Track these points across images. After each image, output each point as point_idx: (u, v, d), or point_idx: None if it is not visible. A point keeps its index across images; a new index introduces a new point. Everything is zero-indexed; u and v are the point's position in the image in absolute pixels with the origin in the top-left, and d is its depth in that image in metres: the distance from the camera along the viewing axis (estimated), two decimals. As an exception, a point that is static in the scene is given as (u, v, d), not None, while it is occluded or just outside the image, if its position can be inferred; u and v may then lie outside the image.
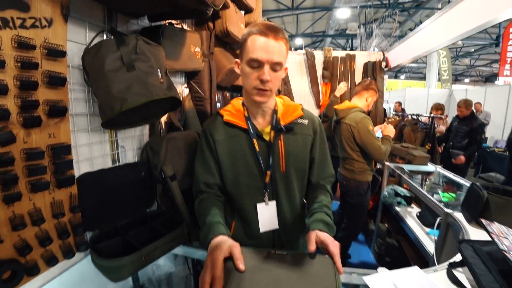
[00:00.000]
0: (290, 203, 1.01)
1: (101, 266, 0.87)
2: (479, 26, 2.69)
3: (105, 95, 0.85)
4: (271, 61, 0.84)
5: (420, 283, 0.87)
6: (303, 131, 1.00)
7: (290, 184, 0.99)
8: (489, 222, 1.04)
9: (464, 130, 3.90)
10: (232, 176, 0.98)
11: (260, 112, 0.98)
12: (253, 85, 0.88)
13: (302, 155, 1.00)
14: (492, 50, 12.73)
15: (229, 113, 0.99)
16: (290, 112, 1.00)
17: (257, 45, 0.83)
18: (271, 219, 0.99)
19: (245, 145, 0.96)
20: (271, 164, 0.95)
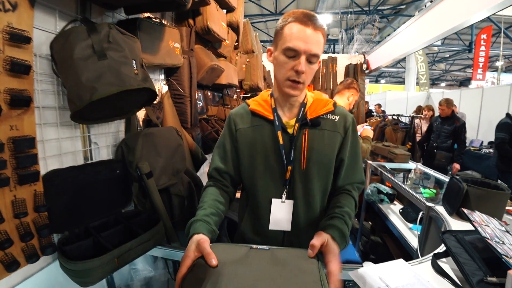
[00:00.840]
0: (308, 205, 0.92)
1: (69, 270, 0.80)
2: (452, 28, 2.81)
3: (74, 85, 0.79)
4: (309, 52, 0.79)
5: (405, 275, 0.85)
6: (332, 127, 0.92)
7: (310, 183, 0.91)
8: (471, 211, 1.05)
9: (447, 130, 3.85)
10: (249, 167, 0.93)
11: (287, 105, 0.93)
12: (287, 75, 0.83)
13: (327, 153, 0.91)
14: (466, 56, 13.42)
15: (256, 103, 0.95)
16: (319, 107, 0.93)
17: (295, 33, 0.78)
18: (284, 219, 0.92)
19: (268, 136, 0.91)
20: (292, 159, 0.89)
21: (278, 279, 0.61)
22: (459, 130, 3.75)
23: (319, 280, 0.61)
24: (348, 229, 0.83)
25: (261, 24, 11.09)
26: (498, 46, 9.34)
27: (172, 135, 1.24)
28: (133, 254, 0.88)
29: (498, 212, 1.30)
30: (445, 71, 17.86)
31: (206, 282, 0.60)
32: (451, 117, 3.87)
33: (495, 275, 0.78)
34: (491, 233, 0.92)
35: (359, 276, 0.84)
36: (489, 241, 0.85)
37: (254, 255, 0.70)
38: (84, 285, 0.80)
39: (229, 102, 2.45)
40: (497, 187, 1.38)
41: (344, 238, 0.79)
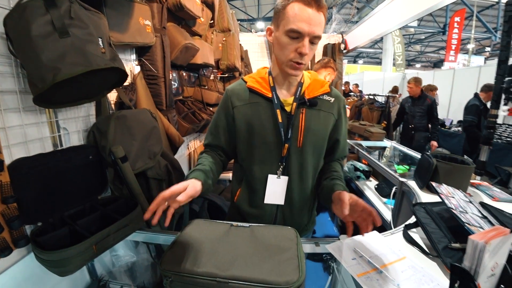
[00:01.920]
0: (301, 180, 0.98)
1: (45, 260, 0.77)
2: (428, 9, 2.85)
3: (34, 65, 0.73)
4: (312, 34, 0.79)
5: (379, 246, 0.90)
6: (327, 109, 0.96)
7: (305, 161, 0.96)
8: (438, 184, 1.12)
9: (421, 110, 3.83)
10: (246, 144, 0.95)
11: (286, 84, 0.94)
12: (290, 57, 0.83)
13: (322, 133, 0.96)
14: (440, 38, 13.81)
15: (254, 80, 0.95)
16: (316, 87, 0.96)
17: (299, 15, 0.77)
18: (278, 193, 0.97)
19: (265, 114, 0.92)
20: (289, 137, 0.92)
21: (256, 256, 0.63)
22: (432, 107, 3.76)
23: (296, 256, 0.64)
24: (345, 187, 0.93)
25: (238, 2, 10.71)
26: (470, 29, 9.66)
27: (146, 118, 1.20)
28: (112, 240, 0.86)
29: (463, 185, 1.39)
30: (420, 53, 18.36)
31: (186, 259, 0.61)
32: (421, 96, 3.88)
33: (459, 241, 0.84)
34: (456, 204, 0.99)
35: (335, 249, 0.88)
36: (454, 211, 0.92)
37: (234, 233, 0.72)
38: (62, 274, 0.78)
39: (206, 83, 2.38)
40: (463, 162, 1.47)
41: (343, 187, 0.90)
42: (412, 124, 3.89)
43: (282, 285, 0.56)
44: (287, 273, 0.59)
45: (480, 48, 15.70)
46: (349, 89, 8.22)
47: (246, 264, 0.60)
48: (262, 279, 0.57)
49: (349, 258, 0.83)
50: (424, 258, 0.87)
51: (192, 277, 0.58)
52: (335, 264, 0.95)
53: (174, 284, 0.59)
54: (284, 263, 0.61)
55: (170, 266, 0.60)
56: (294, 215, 1.02)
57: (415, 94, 3.86)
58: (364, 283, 0.73)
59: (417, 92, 3.85)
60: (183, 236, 0.69)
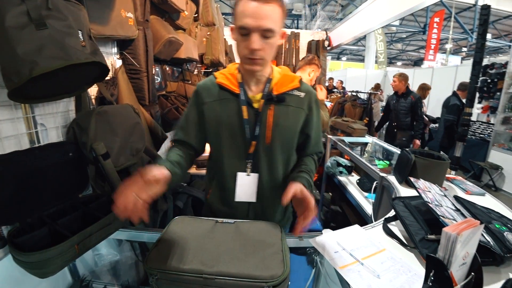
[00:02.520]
0: (271, 177, 0.97)
1: (24, 262, 0.75)
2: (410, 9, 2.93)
3: (9, 58, 0.69)
4: (260, 28, 0.77)
5: (360, 239, 0.94)
6: (297, 104, 0.95)
7: (274, 157, 0.95)
8: (416, 179, 1.17)
9: (404, 107, 3.69)
10: (215, 141, 0.95)
11: (254, 80, 0.93)
12: (243, 53, 0.82)
13: (291, 129, 0.95)
14: (420, 37, 14.23)
15: (224, 76, 0.94)
16: (285, 83, 0.94)
17: (246, 10, 0.76)
18: (249, 191, 0.96)
19: (233, 110, 0.91)
20: (257, 134, 0.91)
21: (241, 252, 0.64)
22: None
23: (280, 251, 0.65)
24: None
25: (223, -4, 10.54)
26: (448, 30, 10.02)
27: (128, 113, 1.16)
28: (95, 239, 0.84)
29: (439, 179, 1.46)
30: (401, 51, 18.88)
31: (171, 256, 0.61)
32: (406, 93, 3.71)
33: (434, 233, 0.89)
34: (432, 198, 1.04)
35: (318, 243, 0.91)
36: (430, 205, 0.96)
37: (219, 229, 0.72)
38: (43, 276, 0.76)
39: (190, 78, 2.35)
40: (440, 158, 1.54)
41: (311, 186, 0.91)
42: (395, 122, 3.79)
43: (267, 279, 0.57)
44: (272, 267, 0.60)
45: (457, 48, 16.35)
46: (333, 86, 8.36)
47: (231, 259, 0.61)
48: (248, 274, 0.58)
49: (332, 251, 0.86)
50: (403, 249, 0.92)
51: (178, 274, 0.58)
52: (318, 257, 0.97)
53: (160, 282, 0.59)
54: (269, 257, 0.63)
55: (156, 264, 0.60)
56: (266, 212, 1.01)
57: (399, 90, 3.70)
58: (346, 275, 0.76)
59: (401, 88, 3.67)
60: (168, 234, 0.69)
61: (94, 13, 1.06)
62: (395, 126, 3.81)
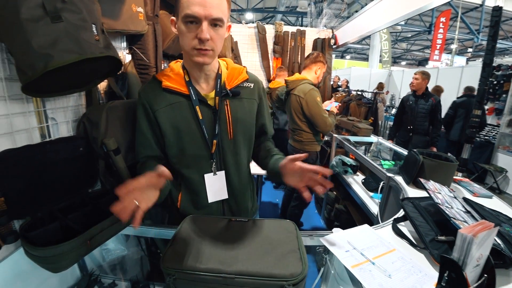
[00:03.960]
0: (238, 171, 0.98)
1: (37, 257, 0.75)
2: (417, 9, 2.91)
3: (24, 52, 0.68)
4: (210, 17, 0.75)
5: (370, 238, 0.94)
6: (249, 95, 0.96)
7: (238, 151, 0.96)
8: (426, 180, 1.17)
9: (424, 110, 3.26)
10: (176, 147, 0.91)
11: (203, 76, 0.89)
12: (192, 45, 0.78)
13: (249, 121, 0.97)
14: (425, 37, 14.12)
15: (168, 77, 0.88)
16: (235, 76, 0.93)
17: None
18: (220, 189, 0.96)
19: (188, 113, 0.88)
20: (217, 132, 0.90)
21: (258, 250, 0.64)
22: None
23: (297, 249, 0.65)
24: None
25: (229, -8, 10.49)
26: (454, 30, 9.93)
27: (138, 109, 1.16)
28: (106, 235, 0.84)
29: (447, 181, 1.46)
30: (406, 51, 18.75)
31: (188, 255, 0.61)
32: (426, 93, 3.30)
33: (444, 234, 0.89)
34: (442, 199, 1.03)
35: (329, 241, 0.90)
36: (441, 206, 0.96)
37: (234, 227, 0.71)
38: (55, 270, 0.76)
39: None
40: (447, 159, 1.53)
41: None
42: (411, 125, 3.37)
43: (287, 278, 0.56)
44: (290, 265, 0.59)
45: (462, 49, 16.23)
46: (338, 84, 8.32)
47: (249, 258, 0.61)
48: (268, 272, 0.57)
49: (343, 251, 0.86)
50: (412, 250, 0.91)
51: (197, 273, 0.57)
52: (328, 256, 0.97)
53: (178, 282, 0.58)
54: (287, 255, 0.62)
55: (172, 263, 0.59)
56: (239, 204, 1.03)
57: (419, 90, 3.31)
58: (358, 274, 0.75)
59: (422, 87, 3.29)
60: (181, 233, 0.68)
61: (106, 7, 1.05)
62: (410, 130, 3.41)
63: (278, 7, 11.61)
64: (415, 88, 3.30)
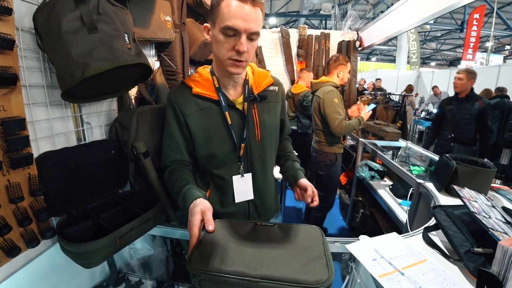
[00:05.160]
0: (265, 172, 1.01)
1: (71, 252, 0.79)
2: (448, 7, 2.77)
3: (64, 61, 0.74)
4: (249, 31, 0.77)
5: (398, 247, 0.90)
6: (274, 98, 1.00)
7: (265, 153, 0.99)
8: (460, 188, 1.10)
9: (469, 115, 2.73)
10: (206, 151, 0.94)
11: (231, 83, 0.93)
12: (228, 55, 0.81)
13: (275, 123, 1.01)
14: (457, 36, 13.39)
15: (197, 83, 0.92)
16: (261, 80, 0.98)
17: (234, 11, 0.75)
18: (246, 190, 1.00)
19: (218, 118, 0.91)
20: (245, 136, 0.93)
21: (283, 255, 0.63)
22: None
23: (323, 255, 0.63)
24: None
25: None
26: (489, 27, 9.32)
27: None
28: (135, 234, 0.88)
29: (484, 189, 1.36)
30: (435, 50, 17.87)
31: (213, 258, 0.62)
32: (471, 95, 2.78)
33: (481, 246, 0.83)
34: (479, 208, 0.96)
35: (355, 249, 0.88)
36: (477, 216, 0.90)
37: (259, 232, 0.72)
38: (87, 266, 0.80)
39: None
40: (484, 165, 1.43)
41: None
42: (452, 133, 2.86)
43: (313, 284, 0.55)
44: (316, 272, 0.58)
45: (499, 46, 15.17)
46: (363, 87, 8.08)
47: (274, 262, 0.60)
48: (293, 278, 0.56)
49: (370, 259, 0.83)
50: (445, 261, 0.86)
51: (222, 276, 0.58)
52: (353, 264, 0.94)
53: (203, 283, 0.59)
54: (313, 261, 0.61)
55: (198, 265, 0.60)
56: (265, 204, 1.06)
57: (463, 91, 2.81)
58: (386, 284, 0.72)
59: (467, 88, 2.79)
60: (208, 235, 0.69)
61: (137, 17, 1.11)
62: (452, 139, 2.88)
63: (301, 11, 11.56)
64: (459, 90, 2.82)
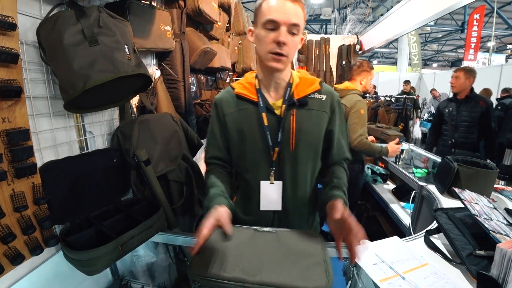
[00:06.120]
0: (296, 185, 0.94)
1: (74, 260, 0.81)
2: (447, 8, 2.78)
3: (66, 73, 0.77)
4: (289, 22, 0.78)
5: (400, 251, 0.89)
6: (319, 107, 0.92)
7: (299, 164, 0.92)
8: (461, 190, 1.09)
9: (469, 117, 2.48)
10: (238, 150, 0.94)
11: (273, 84, 0.91)
12: (268, 48, 0.81)
13: (315, 134, 0.92)
14: (458, 36, 13.36)
15: (241, 85, 0.94)
16: (306, 86, 0.92)
17: (273, 5, 0.79)
18: (274, 199, 0.94)
19: (254, 119, 0.90)
20: (279, 140, 0.89)
21: (282, 261, 0.64)
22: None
23: (322, 261, 0.64)
24: (347, 198, 0.88)
25: (252, 4, 10.76)
26: (490, 27, 9.30)
27: (167, 121, 1.23)
28: (137, 241, 0.89)
29: (486, 190, 1.35)
30: (437, 52, 17.84)
31: (213, 264, 0.63)
32: (471, 96, 2.51)
33: (483, 249, 0.82)
34: (480, 210, 0.96)
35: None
36: (478, 218, 0.89)
37: (259, 238, 0.73)
38: (90, 273, 0.81)
39: (223, 86, 2.41)
40: (486, 166, 1.42)
41: (346, 203, 0.84)
42: (452, 138, 2.61)
43: None
44: (315, 278, 0.59)
45: (500, 46, 15.10)
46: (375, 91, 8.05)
47: (273, 269, 0.61)
48: (291, 284, 0.57)
49: (370, 263, 0.83)
50: (447, 265, 0.86)
51: (221, 282, 0.59)
52: (355, 269, 0.94)
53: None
54: (311, 267, 0.62)
55: (198, 271, 0.61)
56: (291, 221, 0.97)
57: (462, 92, 2.53)
58: (387, 289, 0.72)
59: (466, 88, 2.50)
60: (209, 241, 0.70)
61: (137, 28, 1.14)
62: (452, 145, 2.63)
63: (301, 16, 11.63)
64: (457, 90, 2.55)
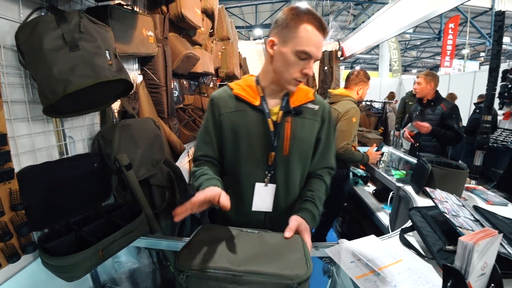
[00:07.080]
0: (288, 188, 0.98)
1: (53, 266, 0.80)
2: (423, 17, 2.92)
3: (46, 77, 0.76)
4: (317, 58, 0.87)
5: (376, 249, 0.93)
6: (312, 116, 0.97)
7: (291, 168, 0.96)
8: (433, 189, 1.16)
9: (431, 121, 2.44)
10: (232, 152, 0.96)
11: (274, 94, 0.96)
12: (295, 76, 0.87)
13: (307, 141, 0.97)
14: (435, 44, 13.98)
15: (240, 87, 0.96)
16: (301, 96, 0.98)
17: (312, 38, 0.82)
18: (266, 201, 0.97)
19: (252, 122, 0.93)
20: (275, 145, 0.93)
21: (266, 255, 0.69)
22: (449, 117, 2.40)
23: (303, 256, 0.69)
24: (319, 212, 0.93)
25: (236, 10, 10.85)
26: (464, 35, 9.81)
27: (149, 126, 1.23)
28: (117, 246, 0.88)
29: (458, 189, 1.42)
30: (416, 58, 18.58)
31: (200, 256, 0.66)
32: (434, 100, 2.52)
33: (452, 244, 0.87)
34: (449, 208, 1.02)
35: (334, 253, 0.91)
36: (446, 215, 0.95)
37: (244, 236, 0.77)
38: (69, 279, 0.80)
39: (206, 91, 2.43)
40: (458, 167, 1.51)
41: (315, 219, 0.90)
42: (417, 141, 2.61)
43: (292, 277, 0.61)
44: (296, 268, 0.64)
45: (474, 54, 15.92)
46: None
47: (258, 261, 0.66)
48: (275, 272, 0.62)
49: (348, 261, 0.86)
50: (420, 260, 0.90)
51: (207, 271, 0.62)
52: (334, 268, 0.97)
53: (190, 279, 0.62)
54: (293, 261, 0.67)
55: (186, 262, 0.64)
56: (282, 223, 0.97)
57: (425, 96, 2.54)
58: (363, 284, 0.76)
59: (428, 92, 2.51)
60: (196, 238, 0.74)
61: (119, 33, 1.14)
62: (417, 148, 2.62)
63: (286, 22, 11.81)
64: (419, 95, 2.58)
